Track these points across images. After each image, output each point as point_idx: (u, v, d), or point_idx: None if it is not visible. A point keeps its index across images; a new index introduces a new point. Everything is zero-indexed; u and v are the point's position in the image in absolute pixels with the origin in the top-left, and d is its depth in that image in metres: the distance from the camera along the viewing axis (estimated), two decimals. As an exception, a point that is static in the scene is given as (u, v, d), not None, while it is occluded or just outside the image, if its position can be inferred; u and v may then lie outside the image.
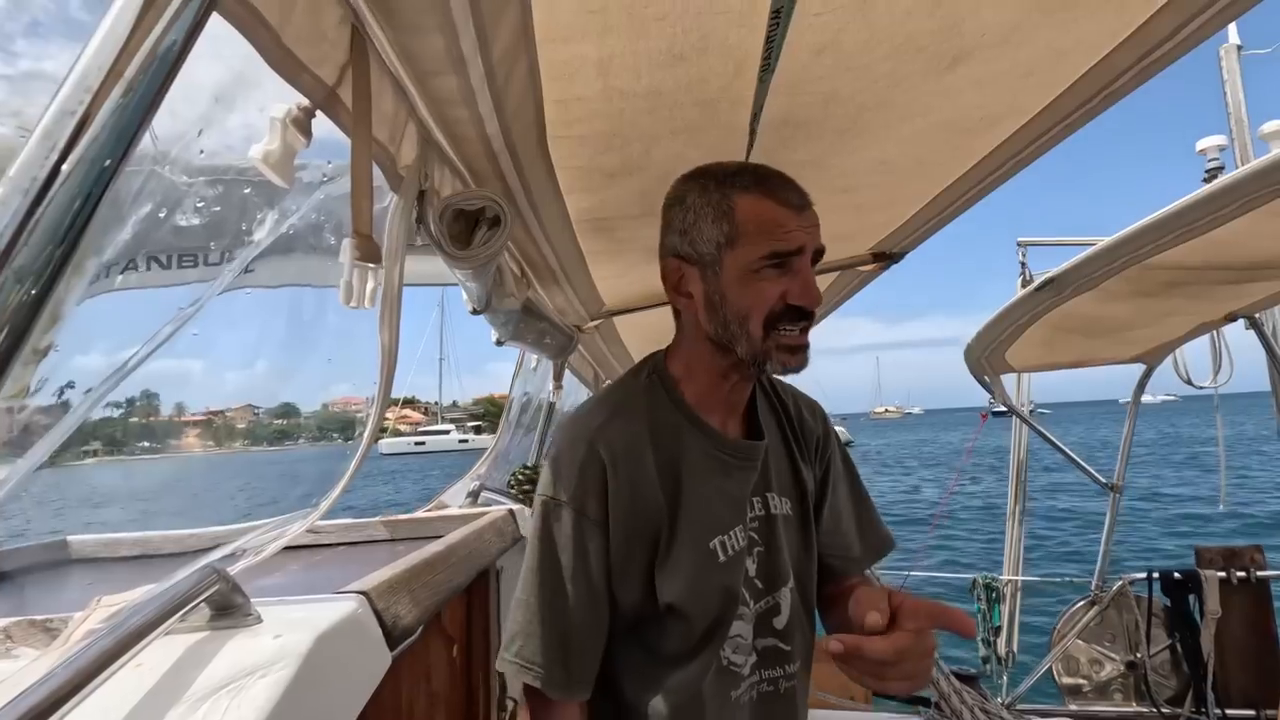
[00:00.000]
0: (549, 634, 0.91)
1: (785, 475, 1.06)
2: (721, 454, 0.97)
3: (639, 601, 0.93)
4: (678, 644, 0.94)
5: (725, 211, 0.92)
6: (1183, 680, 3.10)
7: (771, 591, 1.00)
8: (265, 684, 0.63)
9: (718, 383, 0.99)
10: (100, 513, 1.58)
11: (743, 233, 0.91)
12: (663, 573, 0.91)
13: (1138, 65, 1.06)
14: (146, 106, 0.37)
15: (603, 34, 0.81)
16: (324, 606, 0.79)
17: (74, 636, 0.72)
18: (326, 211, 0.75)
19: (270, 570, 1.33)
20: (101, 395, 0.51)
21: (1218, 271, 2.20)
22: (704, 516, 0.94)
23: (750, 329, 0.91)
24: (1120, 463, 3.40)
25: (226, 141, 0.54)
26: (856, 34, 0.88)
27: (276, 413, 6.52)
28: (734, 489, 0.98)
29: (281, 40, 0.53)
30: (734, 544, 0.96)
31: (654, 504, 0.92)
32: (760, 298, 0.91)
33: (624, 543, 0.91)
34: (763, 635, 0.99)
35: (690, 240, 0.94)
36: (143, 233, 0.47)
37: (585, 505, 0.91)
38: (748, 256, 0.90)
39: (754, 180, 0.92)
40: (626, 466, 0.92)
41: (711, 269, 0.93)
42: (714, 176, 0.95)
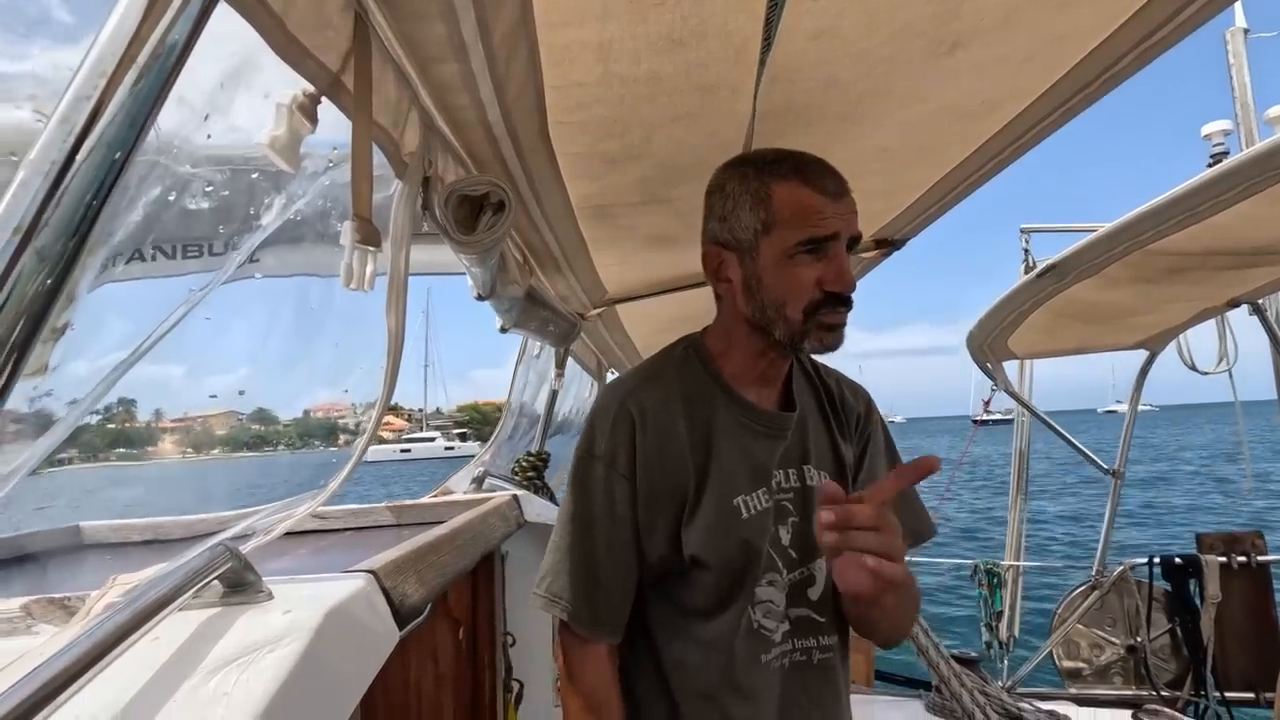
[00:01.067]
0: (577, 572, 0.97)
1: (824, 450, 1.09)
2: (749, 421, 1.02)
3: (666, 555, 0.97)
4: (703, 598, 0.98)
5: (763, 198, 0.94)
6: (1182, 664, 3.13)
7: (806, 562, 1.03)
8: (277, 658, 0.65)
9: (754, 359, 1.03)
10: (115, 497, 1.60)
11: (779, 219, 0.93)
12: (688, 527, 0.96)
13: (1138, 48, 1.06)
14: (158, 91, 0.38)
15: (602, 19, 0.81)
16: (333, 584, 0.81)
17: (92, 612, 0.74)
18: (333, 198, 0.76)
19: (279, 553, 1.35)
20: (118, 376, 0.53)
21: (1220, 257, 2.20)
22: (729, 475, 0.99)
23: (788, 314, 0.95)
24: (1122, 449, 3.40)
25: (233, 128, 0.55)
26: (855, 19, 0.89)
27: (257, 417, 6.48)
28: (760, 454, 1.01)
29: (286, 26, 0.54)
30: (756, 504, 0.99)
31: (682, 463, 0.97)
32: (796, 284, 0.94)
33: (650, 497, 0.97)
34: (796, 605, 1.02)
35: (729, 227, 0.98)
36: (151, 217, 0.48)
37: (615, 459, 0.97)
38: (783, 242, 0.93)
39: (792, 168, 0.95)
40: (656, 426, 0.98)
41: (749, 255, 0.97)
42: (753, 164, 0.97)
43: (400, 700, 1.35)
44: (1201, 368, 3.60)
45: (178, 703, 0.59)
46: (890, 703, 2.85)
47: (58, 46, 0.37)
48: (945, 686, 2.41)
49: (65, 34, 0.36)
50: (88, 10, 0.37)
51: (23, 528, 1.46)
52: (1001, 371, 3.24)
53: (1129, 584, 3.24)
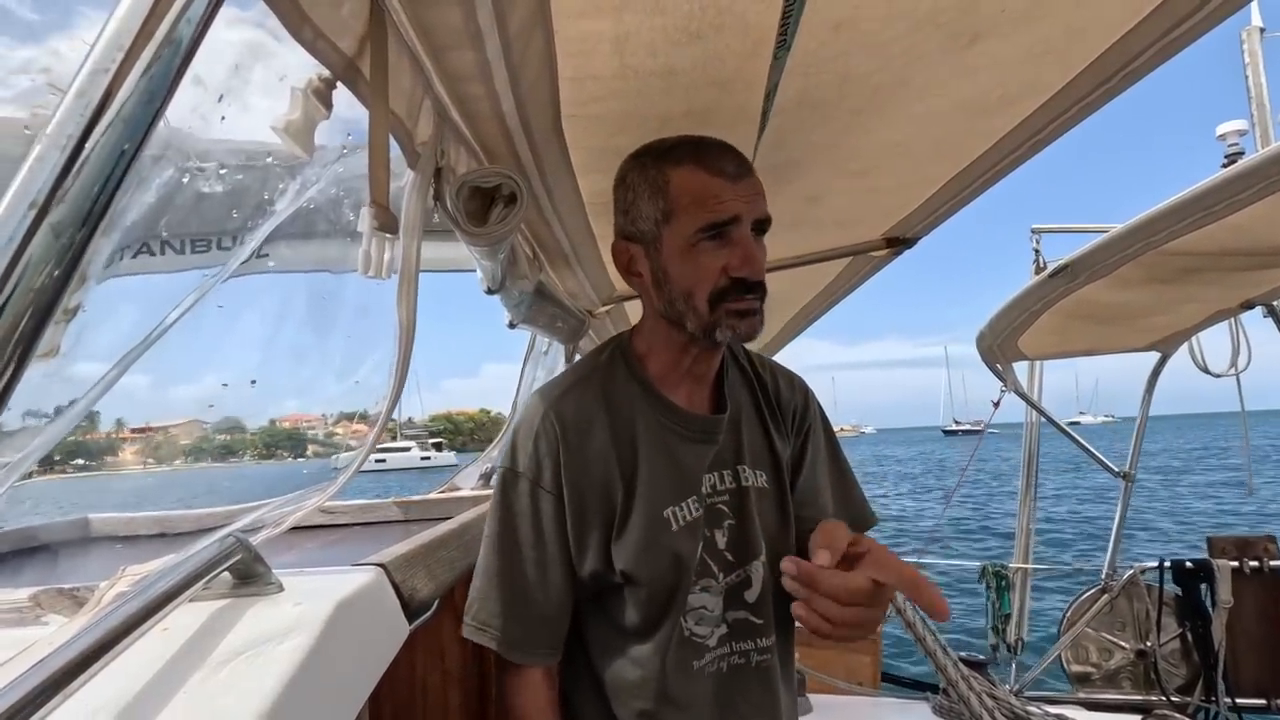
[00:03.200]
0: (506, 597, 0.94)
1: (760, 447, 1.05)
2: (675, 425, 0.98)
3: (599, 571, 0.94)
4: (636, 613, 0.95)
5: (660, 187, 0.92)
6: (1193, 669, 3.10)
7: (743, 564, 1.00)
8: (287, 649, 0.64)
9: (678, 356, 0.99)
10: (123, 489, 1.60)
11: (677, 206, 0.90)
12: (618, 542, 0.93)
13: (1159, 43, 1.05)
14: (176, 68, 0.38)
15: (620, 10, 0.80)
16: (343, 577, 0.80)
17: (102, 602, 0.73)
18: (346, 187, 0.76)
19: (287, 547, 1.35)
20: (129, 362, 0.52)
21: (1235, 258, 2.17)
22: (657, 486, 0.95)
23: (696, 304, 0.91)
24: (1133, 451, 3.37)
25: (247, 110, 0.55)
26: (875, 9, 0.88)
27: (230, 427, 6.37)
28: (688, 460, 0.98)
29: (301, 7, 0.53)
30: (686, 514, 0.96)
31: (607, 474, 0.94)
32: (700, 272, 0.90)
33: (580, 512, 0.93)
34: (734, 608, 0.99)
35: (632, 219, 0.95)
36: (165, 200, 0.48)
37: (540, 475, 0.93)
38: (684, 230, 0.90)
39: (689, 152, 0.92)
40: (578, 437, 0.93)
41: (654, 246, 0.94)
42: (651, 153, 0.95)
43: (406, 697, 1.34)
44: (1214, 370, 3.57)
45: (187, 693, 0.59)
46: (897, 705, 2.83)
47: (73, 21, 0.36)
48: (953, 689, 2.39)
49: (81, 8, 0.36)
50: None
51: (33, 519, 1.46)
52: (1011, 373, 3.22)
53: (1139, 588, 3.21)
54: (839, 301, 2.74)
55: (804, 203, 1.66)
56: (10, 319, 0.33)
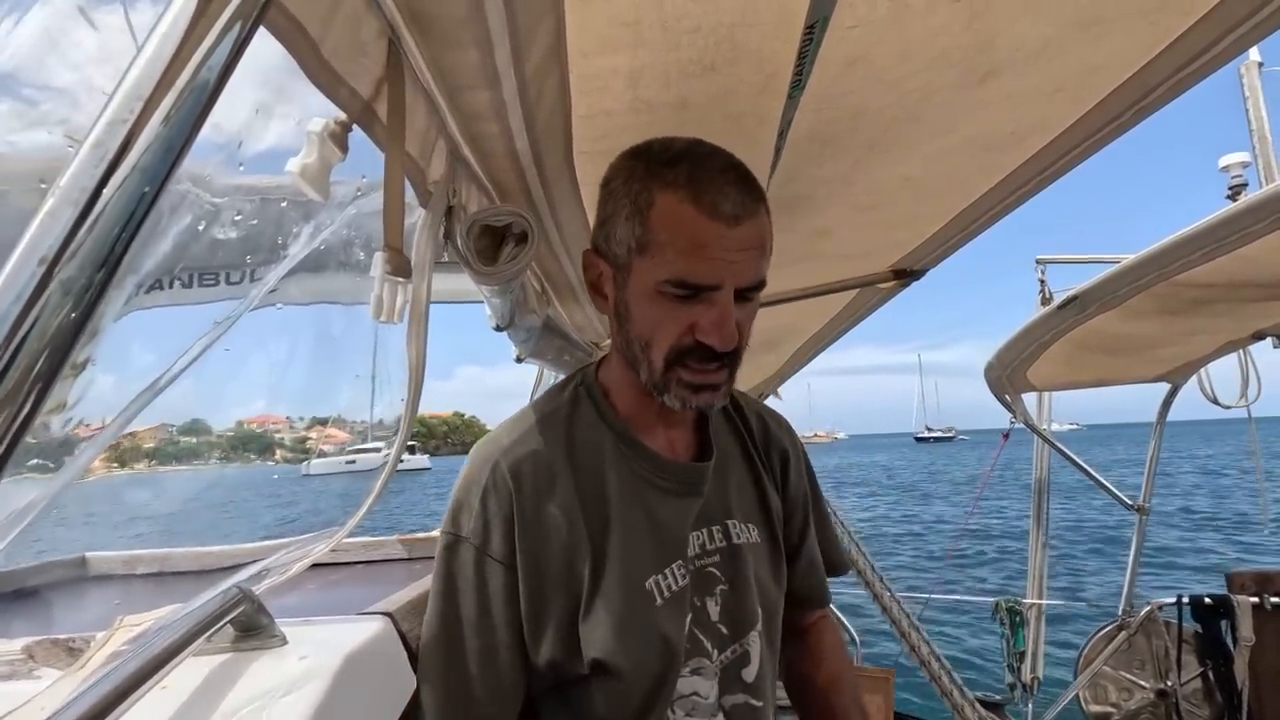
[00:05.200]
0: (447, 699, 0.77)
1: (749, 498, 0.92)
2: (654, 476, 0.82)
3: (558, 660, 0.77)
4: (613, 710, 0.77)
5: (641, 209, 0.75)
6: (1215, 710, 3.01)
7: (739, 637, 0.84)
8: (293, 706, 0.61)
9: (647, 397, 0.82)
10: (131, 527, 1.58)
11: (654, 241, 0.74)
12: (588, 621, 0.76)
13: (1170, 80, 1.05)
14: (195, 117, 0.37)
15: (635, 46, 0.80)
16: (349, 627, 0.77)
17: (97, 657, 0.71)
18: (357, 228, 0.75)
19: (289, 589, 1.31)
20: (136, 411, 0.50)
21: (1246, 289, 2.17)
22: (635, 552, 0.79)
23: (651, 357, 0.77)
24: (1146, 484, 3.33)
25: (264, 155, 0.54)
26: (889, 47, 0.88)
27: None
28: (670, 519, 0.82)
29: (320, 52, 0.52)
30: (671, 584, 0.80)
31: (572, 539, 0.77)
32: (664, 325, 0.75)
33: (537, 587, 0.76)
34: (731, 691, 0.83)
35: (607, 235, 0.79)
36: (180, 246, 0.47)
37: (488, 541, 0.77)
38: (654, 272, 0.74)
39: (686, 175, 0.74)
40: (535, 494, 0.77)
41: (622, 273, 0.78)
42: (646, 158, 0.78)
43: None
44: (1223, 401, 3.53)
45: (187, 758, 0.56)
46: (912, 748, 2.74)
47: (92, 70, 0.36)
48: (970, 732, 2.32)
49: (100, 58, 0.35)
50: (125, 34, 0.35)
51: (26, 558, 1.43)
52: (1020, 404, 3.19)
53: (1157, 625, 3.14)
54: (846, 332, 2.72)
55: (813, 236, 1.66)
56: (16, 377, 0.32)
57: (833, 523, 1.08)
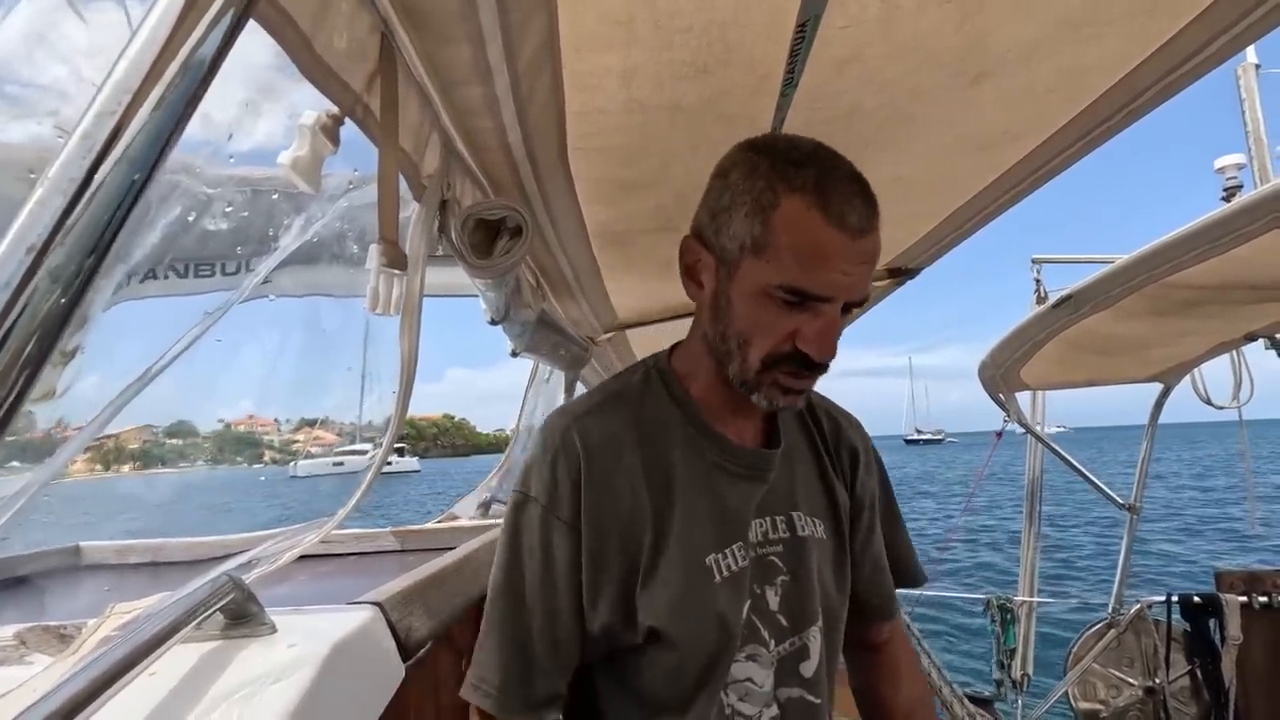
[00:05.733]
0: (507, 648, 0.79)
1: (816, 494, 0.92)
2: (721, 459, 0.84)
3: (614, 626, 0.79)
4: (666, 684, 0.79)
5: (763, 209, 0.73)
6: (1203, 707, 3.03)
7: (799, 631, 0.84)
8: (280, 693, 0.62)
9: (721, 385, 0.85)
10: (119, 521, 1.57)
11: (773, 245, 0.73)
12: (646, 590, 0.78)
13: (1161, 82, 1.05)
14: (183, 109, 0.37)
15: (628, 45, 0.81)
16: (338, 616, 0.78)
17: (88, 644, 0.71)
18: (350, 220, 0.75)
19: (281, 579, 1.32)
20: (126, 401, 0.51)
21: (1239, 290, 2.18)
22: (696, 528, 0.81)
23: (748, 356, 0.78)
24: (1137, 483, 3.34)
25: (256, 147, 0.54)
26: (881, 48, 0.88)
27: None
28: (734, 500, 0.84)
29: (313, 47, 0.53)
30: (731, 563, 0.82)
31: (636, 509, 0.79)
32: (767, 328, 0.76)
33: (598, 552, 0.78)
34: (787, 684, 0.83)
35: (718, 226, 0.78)
36: (170, 237, 0.47)
37: (556, 503, 0.79)
38: (767, 275, 0.73)
39: (814, 180, 0.72)
40: (604, 463, 0.80)
41: (728, 268, 0.78)
42: (771, 155, 0.75)
43: (401, 735, 1.31)
44: (1216, 402, 3.55)
45: (175, 743, 0.56)
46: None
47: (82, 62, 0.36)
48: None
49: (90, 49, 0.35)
50: (114, 25, 0.36)
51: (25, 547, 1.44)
52: (1014, 403, 3.20)
53: (1146, 623, 3.16)
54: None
55: (807, 234, 1.67)
56: (5, 363, 0.32)
57: (907, 532, 1.05)
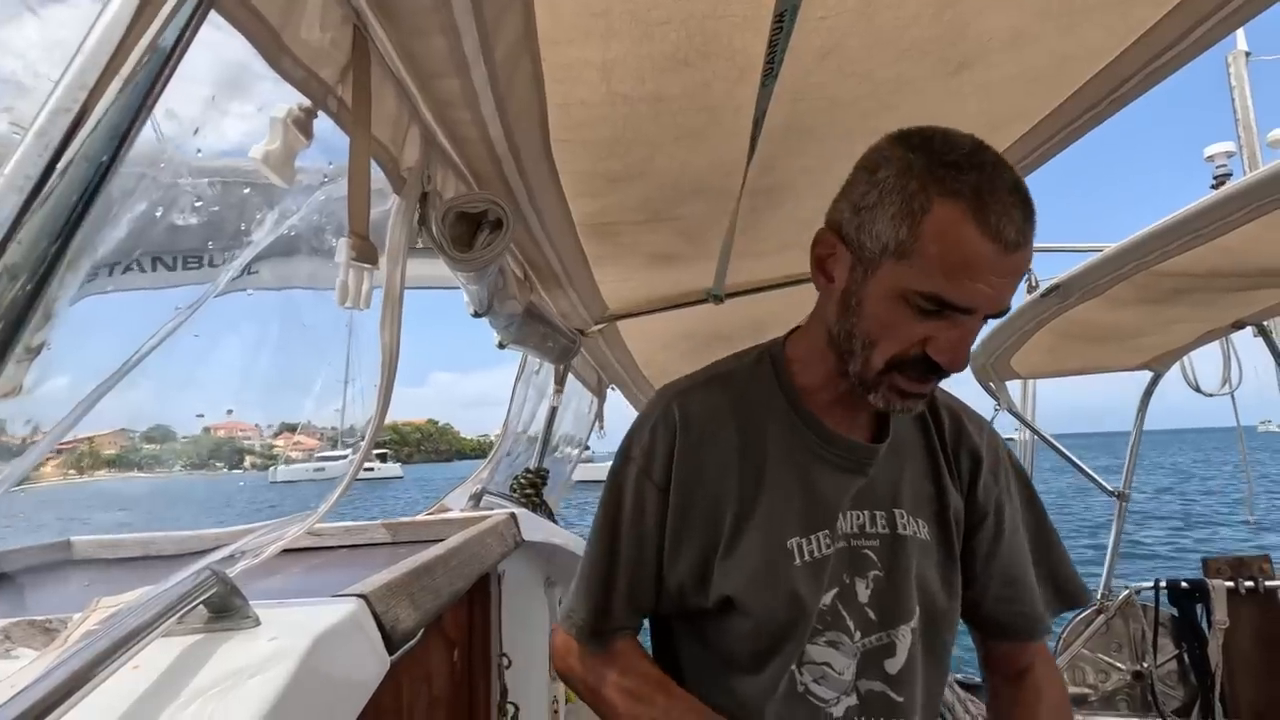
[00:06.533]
0: (595, 584, 0.88)
1: (923, 495, 0.90)
2: (819, 447, 0.85)
3: (687, 587, 0.85)
4: (740, 647, 0.85)
5: (913, 212, 0.71)
6: (1190, 691, 3.07)
7: (888, 626, 0.85)
8: (261, 686, 0.62)
9: (835, 377, 0.84)
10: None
11: (921, 251, 0.70)
12: (726, 561, 0.83)
13: (1144, 70, 1.06)
14: (141, 105, 0.37)
15: (606, 37, 0.81)
16: (322, 609, 0.78)
17: (72, 638, 0.72)
18: (328, 213, 0.75)
19: (270, 572, 1.32)
20: (99, 396, 0.51)
21: (1225, 278, 2.19)
22: (783, 511, 0.83)
23: (872, 356, 0.77)
24: (1127, 470, 3.37)
25: (225, 141, 0.54)
26: (861, 38, 0.88)
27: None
28: (826, 489, 0.85)
29: (281, 39, 0.52)
30: (815, 550, 0.83)
31: (723, 487, 0.84)
32: (899, 331, 0.75)
33: (683, 517, 0.84)
34: (869, 676, 0.84)
35: (860, 223, 0.76)
36: (138, 232, 0.47)
37: (650, 466, 0.86)
38: (910, 281, 0.72)
39: (972, 187, 0.69)
40: (700, 437, 0.85)
41: (866, 267, 0.76)
42: (926, 154, 0.72)
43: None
44: (1206, 389, 3.58)
45: (155, 735, 0.57)
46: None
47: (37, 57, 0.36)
48: (949, 712, 2.36)
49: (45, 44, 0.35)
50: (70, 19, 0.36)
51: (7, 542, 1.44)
52: (1005, 392, 3.22)
53: (1135, 608, 3.19)
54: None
55: (796, 225, 1.67)
56: (-35, 361, 0.32)
57: (1064, 549, 1.00)
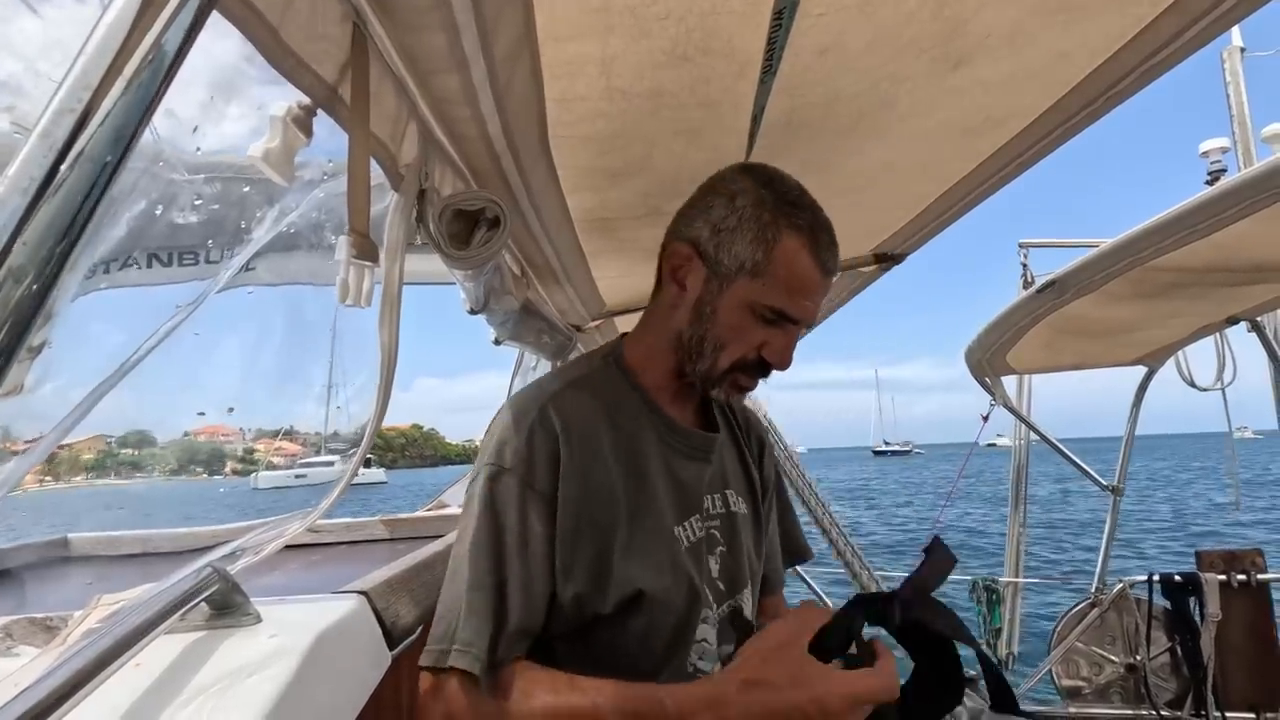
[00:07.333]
0: (489, 612, 0.78)
1: (740, 475, 1.03)
2: (676, 441, 0.94)
3: (585, 594, 0.81)
4: (638, 651, 0.83)
5: (767, 240, 0.86)
6: (1183, 683, 3.10)
7: (734, 594, 0.95)
8: (263, 683, 0.63)
9: (672, 375, 0.96)
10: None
11: (770, 272, 0.86)
12: (627, 557, 0.83)
13: (1142, 66, 1.06)
14: (146, 104, 0.37)
15: (605, 33, 0.80)
16: (323, 606, 0.79)
17: (73, 635, 0.72)
18: (328, 210, 0.75)
19: (271, 569, 1.33)
20: (100, 395, 0.51)
21: (1220, 274, 2.20)
22: (664, 501, 0.89)
23: (718, 359, 0.90)
24: (1121, 465, 3.39)
25: (225, 139, 0.54)
26: (859, 34, 0.88)
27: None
28: (688, 478, 0.93)
29: (281, 38, 0.52)
30: (691, 533, 0.91)
31: (610, 484, 0.85)
32: (743, 338, 0.89)
33: (573, 525, 0.82)
34: (727, 641, 0.91)
35: (719, 242, 0.89)
36: (138, 230, 0.47)
37: (533, 476, 0.82)
38: (761, 296, 0.87)
39: (810, 225, 0.88)
40: (581, 440, 0.85)
41: (722, 281, 0.88)
42: (776, 192, 0.89)
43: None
44: (1200, 385, 3.60)
45: (158, 733, 0.57)
46: None
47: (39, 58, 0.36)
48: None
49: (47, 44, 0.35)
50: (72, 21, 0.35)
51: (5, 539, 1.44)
52: (1000, 387, 3.23)
53: (1128, 601, 3.21)
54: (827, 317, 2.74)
55: (793, 220, 1.67)
56: (-31, 362, 0.32)
57: (795, 512, 1.17)
